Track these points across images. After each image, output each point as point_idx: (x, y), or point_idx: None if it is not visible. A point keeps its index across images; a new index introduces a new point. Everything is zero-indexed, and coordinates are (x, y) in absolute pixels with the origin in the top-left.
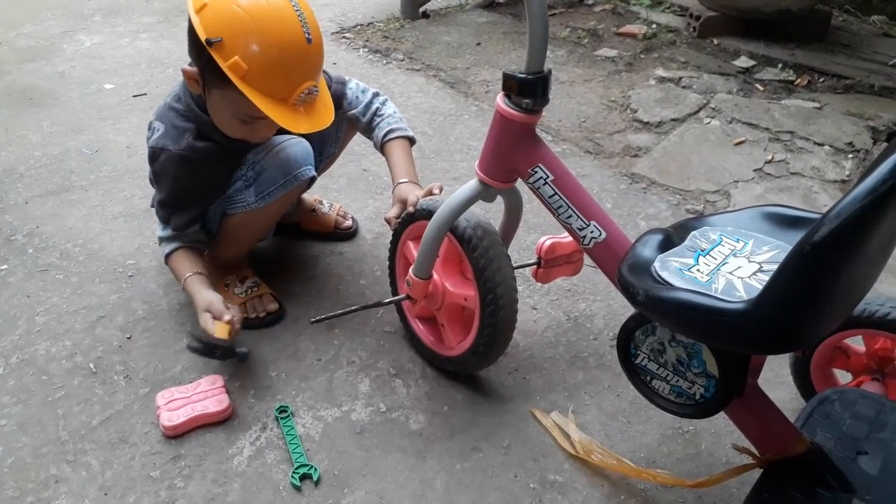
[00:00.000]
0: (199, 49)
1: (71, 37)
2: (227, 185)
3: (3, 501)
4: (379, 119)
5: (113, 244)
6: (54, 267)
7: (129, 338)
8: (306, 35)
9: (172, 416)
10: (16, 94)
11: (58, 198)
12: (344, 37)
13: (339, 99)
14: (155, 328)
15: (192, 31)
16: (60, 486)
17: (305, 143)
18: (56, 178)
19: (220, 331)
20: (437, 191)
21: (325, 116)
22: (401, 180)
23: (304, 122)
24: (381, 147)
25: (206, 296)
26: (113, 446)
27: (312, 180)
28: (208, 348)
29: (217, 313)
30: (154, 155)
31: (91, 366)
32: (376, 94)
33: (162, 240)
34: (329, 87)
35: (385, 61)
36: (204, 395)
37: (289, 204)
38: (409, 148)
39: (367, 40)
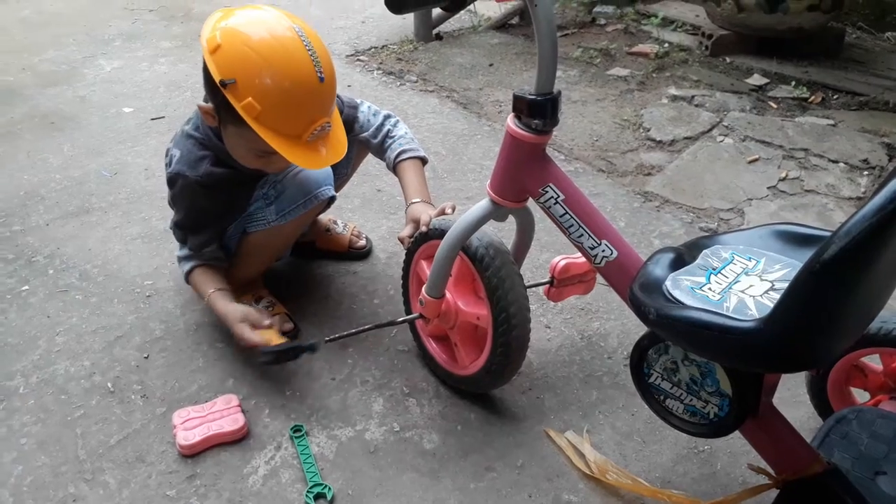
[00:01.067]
0: (214, 89)
1: (92, 62)
2: (246, 206)
3: None
4: (391, 140)
5: (131, 265)
6: (74, 287)
7: (146, 357)
8: (318, 74)
9: (188, 436)
10: (38, 118)
11: (78, 220)
12: (358, 59)
13: (350, 122)
14: (172, 348)
15: (206, 71)
16: None
17: None
18: (76, 200)
19: (272, 337)
20: (449, 210)
21: (338, 150)
22: (413, 200)
23: (317, 158)
24: (394, 168)
25: (237, 308)
26: (130, 465)
27: (332, 200)
28: (280, 355)
29: (256, 321)
30: (172, 181)
31: (109, 385)
32: (388, 116)
33: (180, 259)
34: (341, 112)
35: (399, 83)
36: (220, 414)
37: (307, 223)
38: (422, 168)
39: (381, 62)
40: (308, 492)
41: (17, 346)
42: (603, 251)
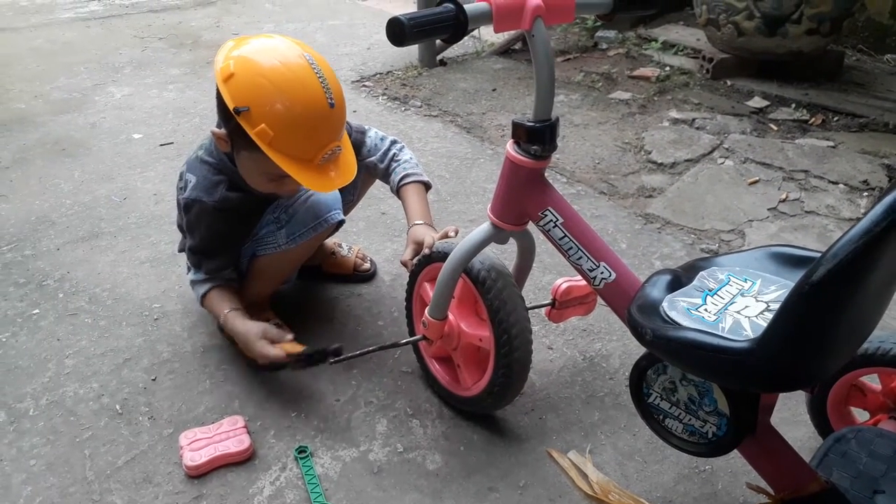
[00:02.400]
0: (228, 115)
1: (102, 89)
2: (257, 229)
3: None
4: (395, 164)
5: (139, 288)
6: (83, 311)
7: (154, 380)
8: (329, 100)
9: (195, 457)
10: (50, 144)
11: (87, 244)
12: (364, 85)
13: (358, 147)
14: (179, 370)
15: (220, 99)
16: None
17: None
18: (86, 225)
19: (292, 349)
20: (452, 233)
21: (349, 172)
22: (416, 222)
23: (329, 180)
24: (397, 191)
25: (255, 325)
26: (137, 486)
27: (340, 224)
28: (309, 358)
29: (276, 337)
30: (188, 206)
31: (117, 407)
32: (394, 142)
33: (194, 283)
34: (349, 136)
35: (403, 108)
36: (225, 435)
37: (316, 246)
38: (425, 192)
39: (386, 88)
40: None
41: (28, 369)
42: (601, 273)
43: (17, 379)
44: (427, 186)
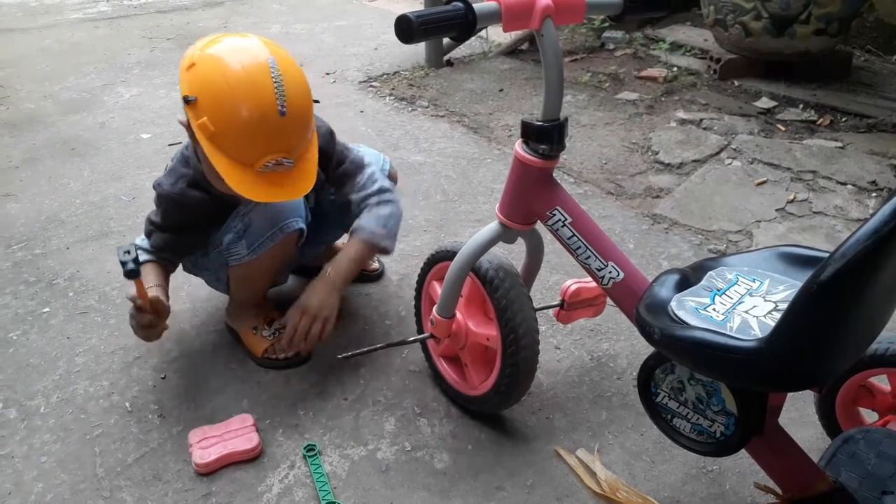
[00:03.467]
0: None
1: (111, 89)
2: (214, 231)
3: None
4: (366, 212)
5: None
6: (93, 309)
7: (163, 378)
8: (280, 108)
9: (204, 455)
10: (59, 143)
11: (97, 243)
12: (371, 85)
13: (346, 178)
14: (188, 369)
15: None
16: None
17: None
18: (96, 224)
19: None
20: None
21: (294, 190)
22: (328, 272)
23: (263, 191)
24: (350, 232)
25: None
26: (147, 483)
27: (302, 232)
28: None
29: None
30: (154, 188)
31: (127, 405)
32: (381, 191)
33: (137, 248)
34: (340, 165)
35: (410, 108)
36: (235, 433)
37: (284, 254)
38: (367, 253)
39: (393, 88)
40: None
41: (39, 367)
42: (610, 272)
43: (29, 376)
44: (381, 251)
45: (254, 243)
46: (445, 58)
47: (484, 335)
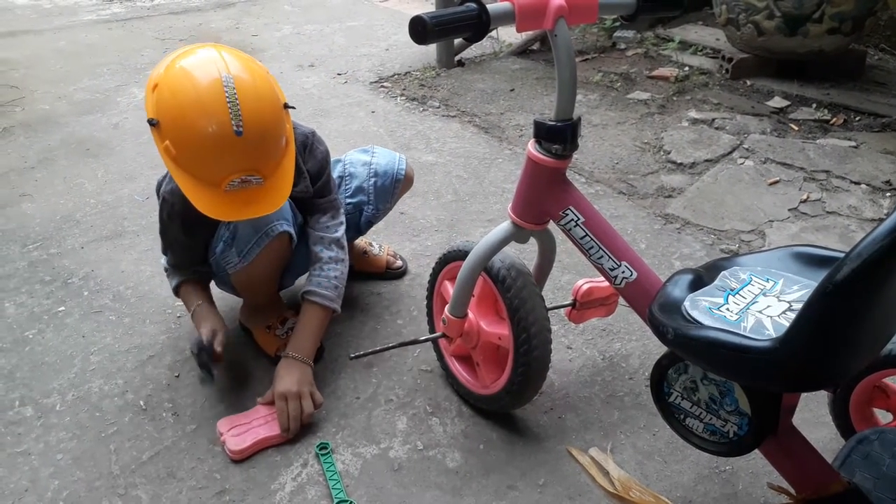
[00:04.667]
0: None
1: (124, 90)
2: (205, 240)
3: None
4: (318, 271)
5: (162, 287)
6: (108, 308)
7: (177, 376)
8: (235, 128)
9: (238, 441)
10: (74, 144)
11: (111, 243)
12: (382, 86)
13: (316, 210)
14: None
15: None
16: None
17: None
18: (110, 224)
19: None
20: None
21: (264, 207)
22: (288, 353)
23: (232, 210)
24: (301, 297)
25: (208, 329)
26: (162, 481)
27: (290, 236)
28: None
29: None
30: (157, 189)
31: (141, 403)
32: (337, 243)
33: (166, 270)
34: (321, 195)
35: (421, 108)
36: (264, 419)
37: (279, 257)
38: (323, 318)
39: (404, 89)
40: None
41: (54, 365)
42: (623, 272)
43: (44, 375)
44: (332, 312)
45: (243, 250)
46: (456, 58)
47: (496, 334)
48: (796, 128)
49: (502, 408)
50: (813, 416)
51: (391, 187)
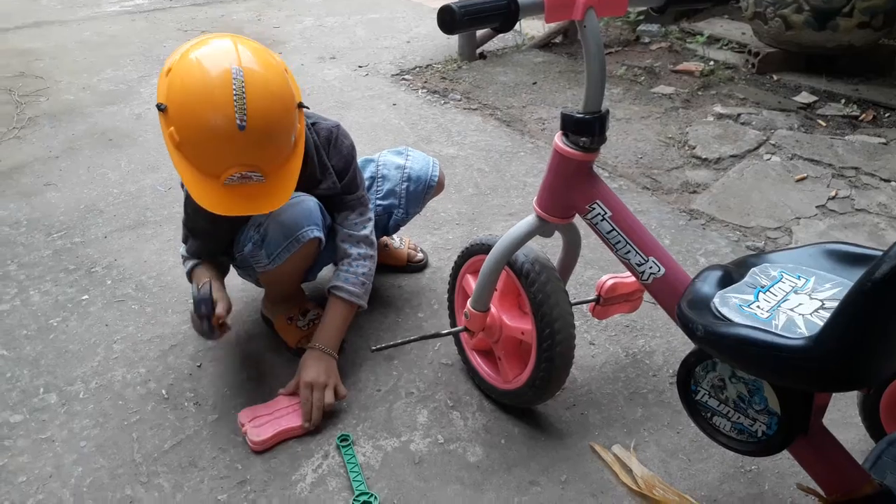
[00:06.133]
0: None
1: (147, 81)
2: (231, 233)
3: None
4: (345, 266)
5: (184, 277)
6: (130, 298)
7: (199, 366)
8: (239, 121)
9: (260, 432)
10: (97, 134)
11: (134, 232)
12: (404, 78)
13: (343, 208)
14: (223, 358)
15: None
16: None
17: (308, 203)
18: (132, 213)
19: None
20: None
21: (263, 205)
22: (313, 344)
23: (228, 204)
24: (328, 292)
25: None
26: (183, 470)
27: (320, 241)
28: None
29: (197, 332)
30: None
31: (163, 392)
32: (366, 241)
33: (183, 258)
34: (349, 192)
35: (443, 101)
36: (285, 410)
37: (307, 260)
38: (349, 313)
39: (425, 81)
40: (355, 500)
41: (78, 353)
42: (650, 268)
43: (68, 363)
44: (358, 309)
45: (272, 253)
46: (478, 51)
47: (518, 329)
48: (824, 124)
49: (524, 403)
50: (841, 417)
51: (422, 193)
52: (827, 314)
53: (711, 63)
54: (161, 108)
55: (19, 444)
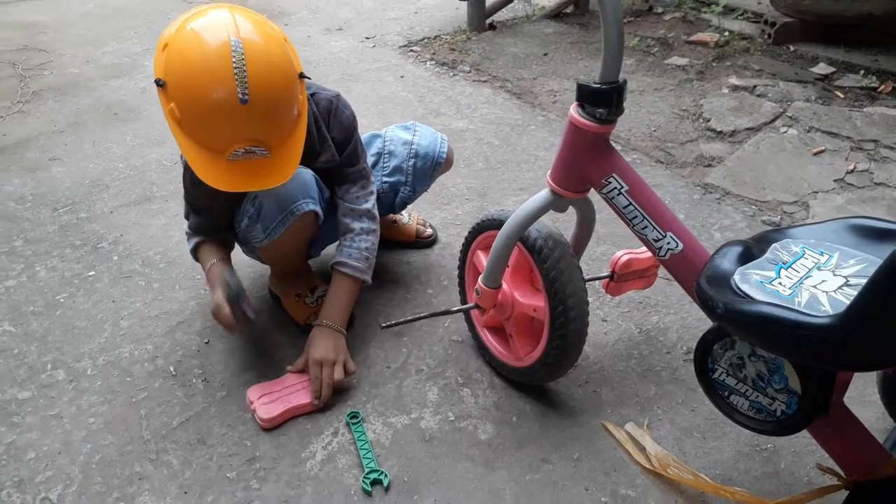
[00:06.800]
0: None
1: (152, 54)
2: (231, 208)
3: (92, 496)
4: (348, 241)
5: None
6: (137, 273)
7: (206, 342)
8: (241, 95)
9: (270, 409)
10: (102, 108)
11: (140, 207)
12: (411, 50)
13: (345, 181)
14: (231, 334)
15: None
16: (144, 484)
17: (304, 176)
18: (138, 188)
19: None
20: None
21: (268, 180)
22: (321, 321)
23: (233, 181)
24: (331, 268)
25: (215, 299)
26: (192, 447)
27: (315, 214)
28: (234, 303)
29: (225, 323)
30: (180, 157)
31: (171, 369)
32: (368, 214)
33: (187, 234)
34: (350, 164)
35: (452, 73)
36: (294, 388)
37: (305, 234)
38: (354, 289)
39: (434, 53)
40: (365, 477)
41: (85, 330)
42: (668, 243)
43: (76, 339)
44: (363, 283)
45: (268, 227)
46: (488, 21)
47: (531, 306)
48: (842, 95)
49: (536, 381)
50: (859, 395)
51: (430, 170)
52: (852, 291)
53: (726, 34)
54: (160, 84)
55: (28, 421)
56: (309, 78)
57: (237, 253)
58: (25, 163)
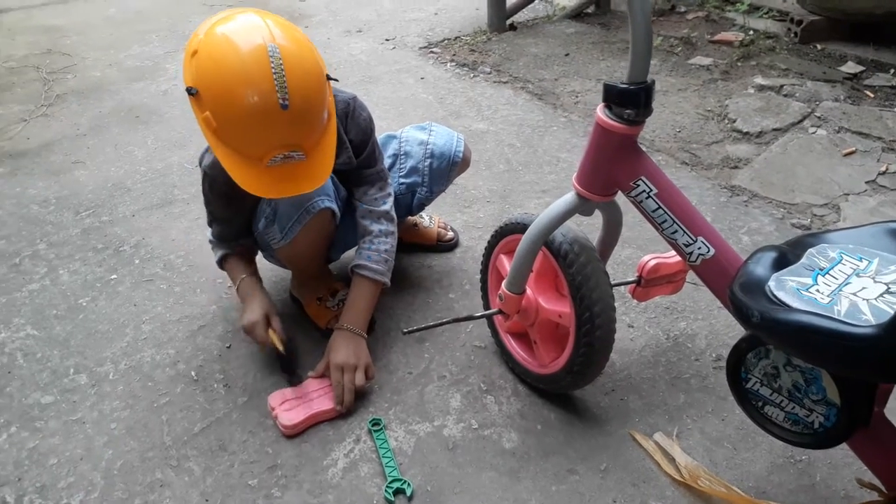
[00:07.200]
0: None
1: (173, 57)
2: (246, 213)
3: (114, 503)
4: (367, 244)
5: (212, 256)
6: (159, 277)
7: (228, 347)
8: (281, 101)
9: (292, 416)
10: (124, 111)
11: (161, 211)
12: (431, 51)
13: (363, 182)
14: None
15: None
16: (165, 491)
17: None
18: (160, 191)
19: (276, 343)
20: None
21: (307, 183)
22: (341, 325)
23: (274, 187)
24: (351, 271)
25: (264, 303)
26: (213, 453)
27: (332, 212)
28: (281, 361)
29: (275, 324)
30: (199, 163)
31: (193, 374)
32: (387, 216)
33: (211, 243)
34: (368, 166)
35: (472, 74)
36: (316, 394)
37: (321, 234)
38: (374, 292)
39: (454, 54)
40: (387, 486)
41: (107, 334)
42: (699, 249)
43: (98, 343)
44: (383, 286)
45: (284, 227)
46: (508, 22)
47: (556, 312)
48: (872, 95)
49: (562, 388)
50: (894, 405)
51: (447, 170)
52: (894, 299)
53: (751, 32)
54: (192, 93)
55: (50, 426)
56: (336, 80)
57: (260, 257)
58: (49, 166)
